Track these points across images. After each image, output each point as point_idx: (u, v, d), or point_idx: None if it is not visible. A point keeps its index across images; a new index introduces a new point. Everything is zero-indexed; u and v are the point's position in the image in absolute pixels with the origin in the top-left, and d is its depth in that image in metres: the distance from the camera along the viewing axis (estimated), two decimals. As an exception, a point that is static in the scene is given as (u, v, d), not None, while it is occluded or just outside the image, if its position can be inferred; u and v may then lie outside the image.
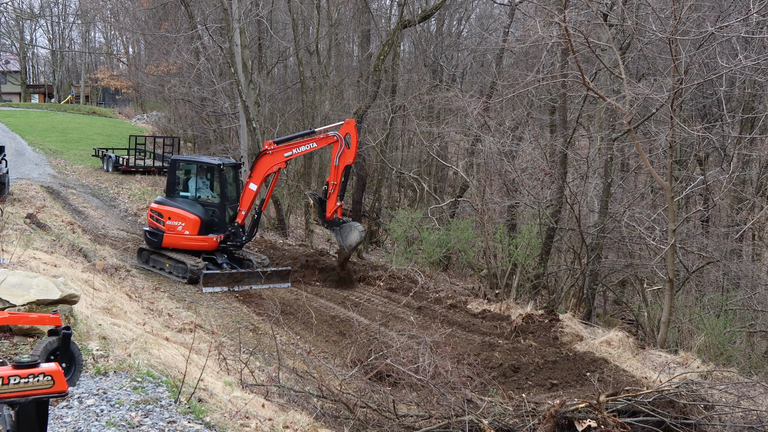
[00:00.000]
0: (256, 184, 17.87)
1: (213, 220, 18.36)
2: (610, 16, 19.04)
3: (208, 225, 18.25)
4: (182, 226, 18.12)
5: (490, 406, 8.98)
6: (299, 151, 17.82)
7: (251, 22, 30.22)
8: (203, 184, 19.04)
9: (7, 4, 64.90)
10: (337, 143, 16.94)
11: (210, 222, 18.30)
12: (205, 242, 18.14)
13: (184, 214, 18.15)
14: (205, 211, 18.38)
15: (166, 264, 17.99)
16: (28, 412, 3.68)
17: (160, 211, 18.39)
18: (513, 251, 20.43)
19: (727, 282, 20.65)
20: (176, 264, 17.72)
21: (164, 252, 18.13)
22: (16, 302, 7.02)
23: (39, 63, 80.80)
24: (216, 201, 18.58)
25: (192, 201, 18.65)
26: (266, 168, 17.74)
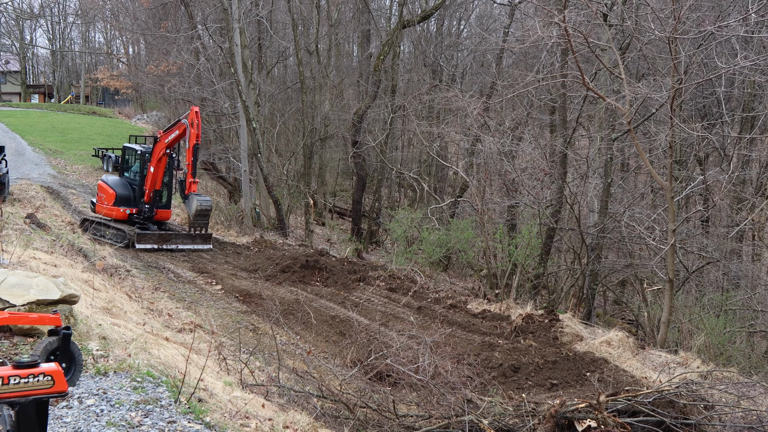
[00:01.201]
0: (153, 166, 21.39)
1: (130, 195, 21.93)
2: (609, 16, 19.04)
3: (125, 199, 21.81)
4: (104, 198, 21.98)
5: (490, 406, 8.98)
6: (171, 138, 20.76)
7: (251, 22, 30.22)
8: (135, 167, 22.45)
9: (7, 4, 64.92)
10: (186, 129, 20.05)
11: (127, 197, 21.86)
12: (114, 212, 21.68)
13: (108, 189, 21.90)
14: (124, 188, 21.98)
15: (106, 232, 21.25)
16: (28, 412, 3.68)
17: (99, 185, 22.53)
18: (513, 251, 20.42)
19: (727, 282, 20.66)
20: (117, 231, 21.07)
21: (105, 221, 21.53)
22: (16, 302, 7.02)
23: (39, 63, 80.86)
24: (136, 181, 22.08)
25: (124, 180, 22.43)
26: (157, 153, 21.15)
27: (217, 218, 26.89)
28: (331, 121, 31.93)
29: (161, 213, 22.26)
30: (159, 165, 21.47)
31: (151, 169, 21.47)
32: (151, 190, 21.60)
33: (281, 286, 17.84)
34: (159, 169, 21.54)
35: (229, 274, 18.82)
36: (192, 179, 20.06)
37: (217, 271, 19.06)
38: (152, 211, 21.87)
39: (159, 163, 21.41)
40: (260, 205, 28.66)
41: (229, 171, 32.53)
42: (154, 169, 21.40)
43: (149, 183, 21.52)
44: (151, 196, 21.67)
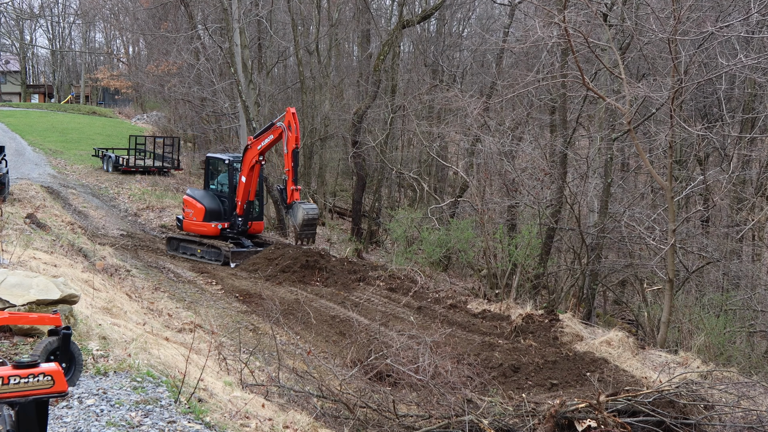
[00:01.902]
0: (244, 176, 19.89)
1: (220, 209, 20.60)
2: (609, 16, 19.04)
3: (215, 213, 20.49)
4: (192, 213, 20.70)
5: (490, 406, 8.98)
6: (265, 144, 19.26)
7: (251, 22, 30.23)
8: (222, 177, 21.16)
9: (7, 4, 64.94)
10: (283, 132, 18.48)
11: (217, 211, 20.53)
12: (204, 228, 20.40)
13: (196, 204, 20.61)
14: (213, 201, 20.65)
15: (197, 249, 20.30)
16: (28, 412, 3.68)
17: (184, 200, 21.36)
18: (513, 251, 20.42)
19: (727, 282, 20.66)
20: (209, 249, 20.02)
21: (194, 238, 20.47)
22: (16, 302, 7.02)
23: (39, 63, 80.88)
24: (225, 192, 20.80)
25: (211, 192, 21.13)
26: (249, 161, 19.59)
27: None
28: (331, 121, 31.93)
29: (254, 225, 21.02)
30: (251, 174, 19.94)
31: (242, 179, 19.95)
32: (243, 201, 20.14)
33: (281, 286, 17.84)
34: (251, 178, 20.02)
35: (229, 274, 18.82)
36: (294, 186, 18.57)
37: (217, 271, 19.07)
38: (246, 224, 20.43)
39: (251, 173, 19.86)
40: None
41: (229, 171, 32.48)
42: (246, 179, 19.87)
43: (241, 194, 20.07)
44: (244, 208, 20.27)
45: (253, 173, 19.91)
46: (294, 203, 18.50)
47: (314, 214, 18.76)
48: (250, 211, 20.40)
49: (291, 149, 18.19)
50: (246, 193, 19.99)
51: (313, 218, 18.68)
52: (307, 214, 18.42)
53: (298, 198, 18.61)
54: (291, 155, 18.23)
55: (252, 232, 20.89)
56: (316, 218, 18.94)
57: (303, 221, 18.43)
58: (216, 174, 21.43)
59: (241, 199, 20.08)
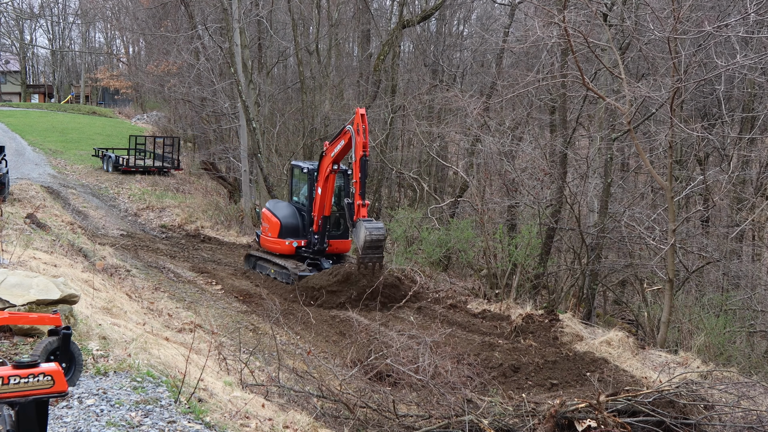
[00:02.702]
0: (320, 187, 17.61)
1: (298, 224, 18.26)
2: (609, 16, 19.05)
3: (292, 229, 18.19)
4: (267, 228, 18.64)
5: (490, 406, 8.98)
6: (338, 150, 16.97)
7: (251, 22, 30.22)
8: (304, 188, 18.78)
9: (7, 4, 64.94)
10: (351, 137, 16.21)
11: (294, 227, 18.22)
12: (278, 245, 18.20)
13: (272, 218, 18.48)
14: (291, 215, 18.36)
15: (271, 269, 18.32)
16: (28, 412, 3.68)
17: (262, 213, 19.22)
18: (513, 251, 20.43)
19: (726, 282, 20.66)
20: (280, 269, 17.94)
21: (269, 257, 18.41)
22: (16, 302, 7.02)
23: (39, 63, 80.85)
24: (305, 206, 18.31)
25: (291, 206, 18.92)
26: (323, 170, 17.41)
27: (217, 218, 26.89)
28: (331, 121, 31.90)
29: (337, 244, 18.38)
30: (327, 185, 17.56)
31: (318, 190, 17.63)
32: (319, 216, 17.83)
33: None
34: (327, 190, 17.62)
35: (228, 274, 18.83)
36: (361, 201, 16.05)
37: (217, 271, 19.07)
38: (323, 242, 18.06)
39: (326, 183, 17.51)
40: (260, 205, 28.64)
41: (229, 171, 32.52)
42: (322, 191, 17.53)
43: (317, 208, 17.78)
44: (320, 223, 17.90)
45: (329, 184, 17.56)
46: (358, 221, 15.99)
47: (379, 235, 15.91)
48: (327, 227, 18.00)
49: (359, 156, 15.84)
50: (321, 207, 17.72)
51: (378, 239, 15.92)
52: (371, 235, 15.68)
53: (365, 215, 16.09)
54: (359, 163, 15.84)
55: (333, 251, 18.30)
56: (382, 239, 16.14)
57: (365, 242, 15.70)
58: (299, 185, 19.11)
59: (317, 214, 17.79)
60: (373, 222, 16.23)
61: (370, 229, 15.71)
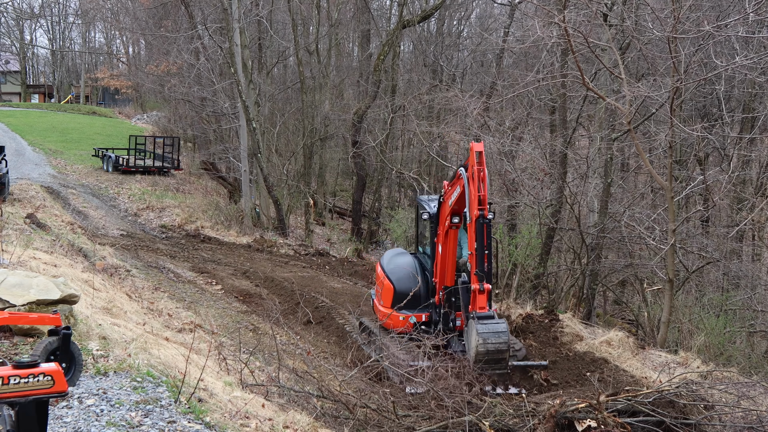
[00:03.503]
0: (440, 243, 12.33)
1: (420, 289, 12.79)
2: (609, 16, 19.04)
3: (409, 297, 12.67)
4: (380, 292, 13.41)
5: (490, 407, 8.98)
6: (453, 200, 11.57)
7: (251, 22, 30.22)
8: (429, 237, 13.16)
9: (7, 4, 64.95)
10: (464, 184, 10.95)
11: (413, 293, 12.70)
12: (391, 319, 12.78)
13: (384, 279, 13.26)
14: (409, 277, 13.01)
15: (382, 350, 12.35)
16: (28, 412, 3.68)
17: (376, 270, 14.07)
18: (513, 251, 20.43)
19: (727, 282, 20.66)
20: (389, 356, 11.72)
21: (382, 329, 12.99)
22: (16, 302, 7.02)
23: (39, 63, 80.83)
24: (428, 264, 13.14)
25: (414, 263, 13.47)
26: (442, 221, 12.17)
27: (217, 218, 26.88)
28: (331, 121, 31.93)
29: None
30: (447, 243, 12.12)
31: (438, 248, 12.37)
32: (441, 285, 12.48)
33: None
34: (448, 250, 12.20)
35: (228, 274, 18.82)
36: (477, 285, 10.56)
37: (217, 271, 19.06)
38: (447, 321, 12.48)
39: (447, 240, 12.08)
40: (260, 205, 28.66)
41: (229, 171, 32.53)
42: (443, 250, 12.21)
43: (438, 272, 12.49)
44: (443, 294, 12.47)
45: (449, 241, 12.10)
46: (472, 316, 10.61)
47: (499, 344, 10.37)
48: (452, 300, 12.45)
49: (474, 216, 10.54)
50: (443, 273, 12.36)
51: (497, 350, 10.38)
52: (485, 344, 10.28)
53: (485, 307, 10.64)
54: (474, 225, 10.56)
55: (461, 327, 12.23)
56: (504, 350, 10.44)
57: (477, 356, 10.36)
58: (425, 232, 13.40)
59: (438, 281, 12.54)
60: (492, 322, 10.53)
61: (486, 336, 10.31)
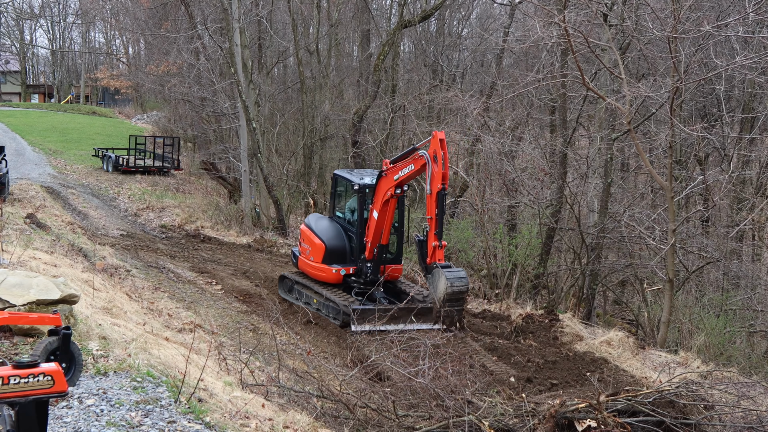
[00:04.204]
0: (377, 211, 14.97)
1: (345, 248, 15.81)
2: (609, 16, 19.04)
3: (338, 254, 15.73)
4: (309, 251, 16.08)
5: (490, 407, 8.98)
6: (402, 175, 14.34)
7: (251, 22, 30.23)
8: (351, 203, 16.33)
9: (7, 4, 64.95)
10: (426, 165, 13.66)
11: (341, 251, 15.78)
12: (323, 272, 15.72)
13: (314, 239, 16.01)
14: (337, 236, 15.96)
15: (313, 299, 15.72)
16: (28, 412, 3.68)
17: (301, 231, 16.83)
18: (513, 251, 20.43)
19: (727, 282, 20.66)
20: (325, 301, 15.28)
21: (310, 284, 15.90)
22: (16, 302, 7.03)
23: (39, 63, 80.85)
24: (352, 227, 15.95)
25: (336, 225, 16.38)
26: (382, 193, 14.80)
27: (217, 218, 26.89)
28: (331, 121, 31.92)
29: (389, 270, 15.74)
30: (386, 210, 14.87)
31: (374, 213, 15.02)
32: (375, 244, 15.22)
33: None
34: (386, 215, 14.94)
35: (228, 274, 18.82)
36: (437, 242, 13.59)
37: (217, 271, 19.06)
38: (376, 272, 15.38)
39: (385, 207, 14.82)
40: (260, 205, 28.66)
41: (229, 171, 32.52)
42: (379, 216, 14.90)
43: (372, 233, 15.19)
44: (375, 252, 15.31)
45: (388, 209, 14.92)
46: (435, 267, 13.62)
47: (462, 286, 13.50)
48: (383, 255, 15.51)
49: (435, 190, 13.39)
50: (378, 234, 15.14)
51: (460, 291, 13.51)
52: (452, 287, 13.31)
53: (442, 258, 13.77)
54: (435, 198, 13.43)
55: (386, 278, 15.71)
56: (464, 291, 13.70)
57: (445, 296, 13.37)
58: (344, 199, 16.70)
59: (372, 241, 15.21)
60: (454, 270, 13.73)
61: (452, 280, 13.35)
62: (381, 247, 15.32)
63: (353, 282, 15.51)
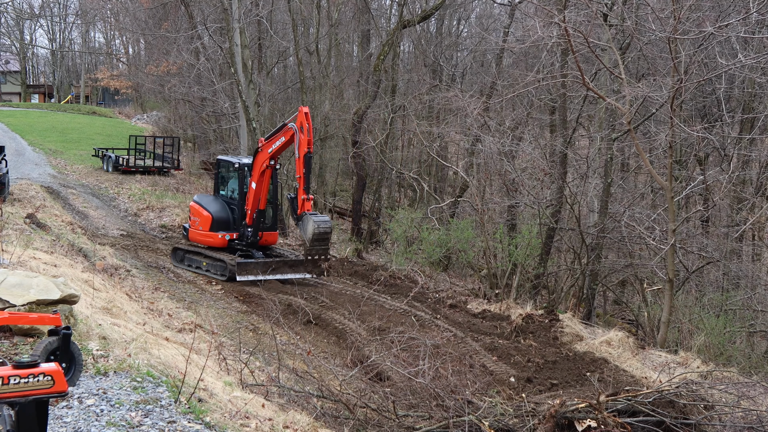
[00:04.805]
0: (254, 182, 18.12)
1: (229, 218, 18.96)
2: (609, 16, 19.05)
3: (223, 223, 18.86)
4: (198, 222, 19.10)
5: (490, 407, 8.98)
6: (276, 147, 17.55)
7: (251, 22, 30.22)
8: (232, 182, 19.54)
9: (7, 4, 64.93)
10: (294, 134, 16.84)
11: (225, 220, 18.89)
12: (211, 238, 18.78)
13: (203, 211, 19.02)
14: (222, 209, 19.02)
15: (203, 262, 18.53)
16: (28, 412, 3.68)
17: (191, 207, 19.87)
18: (513, 251, 20.43)
19: (727, 282, 20.66)
20: (214, 262, 18.23)
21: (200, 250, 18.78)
22: (16, 302, 7.02)
23: (39, 63, 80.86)
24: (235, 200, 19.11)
25: (220, 199, 19.57)
26: (259, 165, 17.92)
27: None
28: (331, 121, 31.92)
29: (267, 236, 19.03)
30: (262, 180, 18.06)
31: (252, 185, 18.11)
32: (253, 210, 18.31)
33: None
34: (262, 185, 18.16)
35: (229, 274, 18.80)
36: (305, 196, 16.54)
37: (217, 271, 19.05)
38: (256, 235, 18.51)
39: (262, 178, 17.99)
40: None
41: (229, 171, 32.50)
42: (257, 186, 18.01)
43: (251, 202, 18.25)
44: (254, 217, 18.40)
45: (264, 179, 18.08)
46: (304, 215, 16.51)
47: (326, 228, 16.63)
48: (261, 220, 18.64)
49: (303, 153, 16.47)
50: (256, 201, 18.24)
51: (325, 232, 16.58)
52: (318, 228, 16.33)
53: (310, 209, 16.69)
54: (303, 160, 16.49)
55: (264, 243, 19.02)
56: (328, 232, 16.86)
57: (313, 235, 16.36)
58: (226, 179, 19.79)
59: (251, 208, 18.31)
60: (320, 215, 17.12)
61: (318, 222, 16.42)
62: (259, 213, 18.39)
63: (237, 245, 18.64)
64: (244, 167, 18.71)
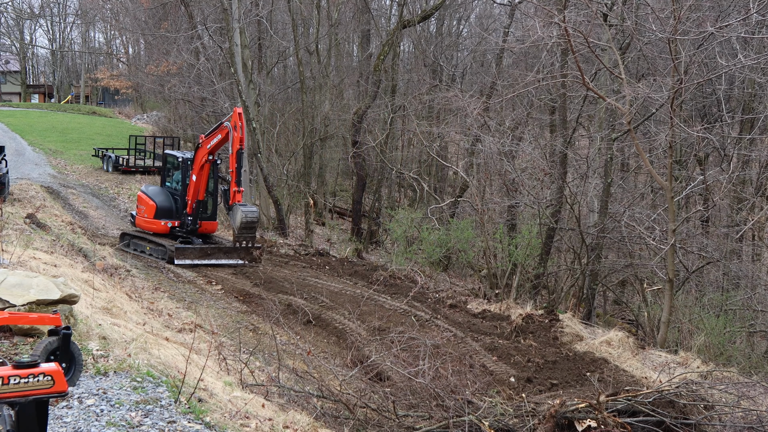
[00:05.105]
0: (195, 174, 19.82)
1: (172, 207, 20.56)
2: (609, 16, 19.04)
3: (166, 211, 20.46)
4: (144, 210, 20.72)
5: (490, 407, 8.98)
6: (214, 143, 18.96)
7: (251, 22, 30.22)
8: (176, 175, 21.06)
9: (7, 4, 64.93)
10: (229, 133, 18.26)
11: (168, 209, 20.49)
12: (154, 225, 20.37)
13: (148, 200, 20.62)
14: (166, 198, 20.63)
15: (146, 247, 20.08)
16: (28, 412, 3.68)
17: (138, 196, 21.58)
18: (513, 251, 20.43)
19: (727, 282, 20.66)
20: (156, 246, 19.79)
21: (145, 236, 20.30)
22: (16, 302, 7.02)
23: (39, 63, 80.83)
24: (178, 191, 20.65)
25: (165, 190, 21.18)
26: (199, 160, 19.52)
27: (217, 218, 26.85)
28: (331, 121, 31.92)
29: (206, 225, 20.67)
30: (202, 173, 19.81)
31: (193, 177, 19.87)
32: (193, 200, 20.04)
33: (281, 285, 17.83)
34: (202, 177, 19.91)
35: (229, 274, 18.81)
36: (236, 188, 18.22)
37: (217, 271, 19.06)
38: (195, 223, 20.19)
39: (202, 171, 19.74)
40: (260, 205, 28.65)
41: (229, 171, 32.49)
42: (197, 178, 19.80)
43: (192, 193, 19.99)
44: (194, 207, 20.10)
45: (204, 172, 19.74)
46: (234, 205, 18.23)
47: (253, 217, 18.43)
48: (200, 210, 20.22)
49: (235, 150, 18.13)
50: (196, 192, 19.90)
51: (251, 221, 18.40)
52: (246, 217, 18.19)
53: (240, 200, 18.39)
54: (235, 156, 18.12)
55: (203, 231, 20.55)
56: (255, 221, 18.68)
57: (241, 224, 18.24)
58: (171, 171, 21.34)
59: (191, 198, 19.99)
60: (248, 206, 18.80)
61: (246, 212, 18.19)
62: (198, 203, 20.05)
63: (178, 232, 20.19)
64: (187, 161, 20.31)
